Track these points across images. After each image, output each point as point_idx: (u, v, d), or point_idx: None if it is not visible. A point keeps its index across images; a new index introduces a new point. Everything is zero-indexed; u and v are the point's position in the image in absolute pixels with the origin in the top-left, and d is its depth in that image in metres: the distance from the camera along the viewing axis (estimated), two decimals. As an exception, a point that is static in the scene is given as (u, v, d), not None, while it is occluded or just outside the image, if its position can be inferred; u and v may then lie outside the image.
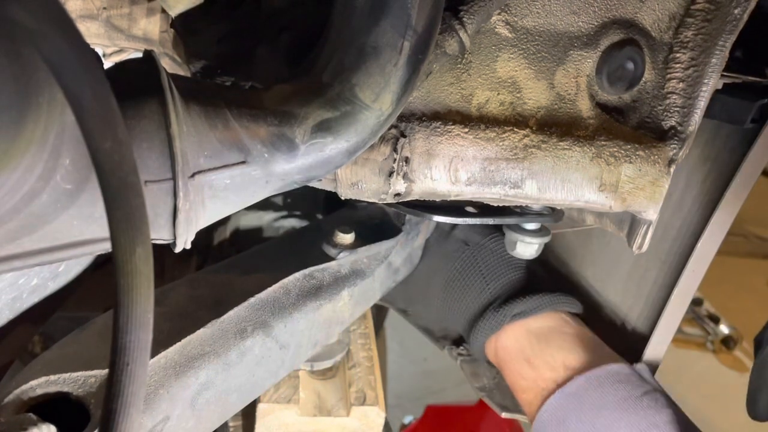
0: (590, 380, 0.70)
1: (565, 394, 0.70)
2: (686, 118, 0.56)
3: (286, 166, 0.43)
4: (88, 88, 0.25)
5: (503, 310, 0.79)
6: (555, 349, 0.75)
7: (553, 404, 0.71)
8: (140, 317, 0.28)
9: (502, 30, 0.55)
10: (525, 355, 0.77)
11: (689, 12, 0.55)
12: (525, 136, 0.55)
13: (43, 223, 0.34)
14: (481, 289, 0.83)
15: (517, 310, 0.78)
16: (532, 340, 0.77)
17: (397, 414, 1.72)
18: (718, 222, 0.68)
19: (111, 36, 0.59)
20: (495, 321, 0.79)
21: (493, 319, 0.79)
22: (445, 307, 0.86)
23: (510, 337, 0.79)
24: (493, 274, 0.83)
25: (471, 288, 0.83)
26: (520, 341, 0.78)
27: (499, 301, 0.81)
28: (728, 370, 2.13)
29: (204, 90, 0.42)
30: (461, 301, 0.84)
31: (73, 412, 0.44)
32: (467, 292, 0.83)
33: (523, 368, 0.76)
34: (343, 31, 0.44)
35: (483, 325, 0.80)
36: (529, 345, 0.77)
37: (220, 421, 0.56)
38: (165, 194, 0.37)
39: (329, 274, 0.67)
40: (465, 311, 0.83)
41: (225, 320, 0.54)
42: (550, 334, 0.77)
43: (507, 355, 0.79)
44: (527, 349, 0.77)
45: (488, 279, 0.83)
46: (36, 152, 0.29)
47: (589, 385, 0.70)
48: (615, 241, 0.84)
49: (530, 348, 0.77)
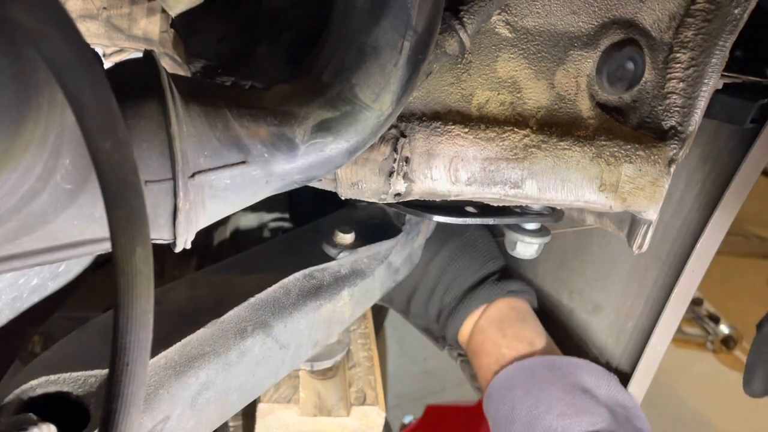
0: (546, 362, 0.79)
1: (523, 366, 0.79)
2: (686, 118, 0.56)
3: (287, 166, 0.42)
4: (88, 88, 0.25)
5: (501, 285, 0.90)
6: (528, 328, 0.86)
7: (509, 371, 0.79)
8: (140, 317, 0.28)
9: (502, 30, 0.55)
10: (502, 324, 0.86)
11: (689, 12, 0.55)
12: (525, 136, 0.55)
13: (43, 223, 0.34)
14: (482, 264, 0.93)
15: (512, 288, 0.90)
16: (513, 315, 0.88)
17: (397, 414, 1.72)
18: (717, 222, 0.68)
19: (111, 36, 0.59)
20: (493, 291, 0.90)
21: (492, 289, 0.90)
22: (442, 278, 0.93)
23: (496, 307, 0.89)
24: (492, 254, 0.95)
25: (473, 262, 0.93)
26: (503, 312, 0.88)
27: (496, 277, 0.92)
28: (728, 370, 2.13)
29: (204, 90, 0.42)
30: (463, 272, 0.92)
31: (73, 412, 0.44)
32: (469, 265, 0.92)
33: (495, 333, 0.86)
34: (343, 30, 0.44)
35: (481, 293, 0.90)
36: (509, 317, 0.87)
37: (220, 421, 0.56)
38: (165, 194, 0.37)
39: (329, 274, 0.67)
40: (464, 281, 0.92)
41: (225, 320, 0.54)
42: (527, 315, 0.89)
43: (486, 321, 0.88)
44: (506, 320, 0.87)
45: (488, 257, 0.94)
46: (36, 152, 0.29)
47: (545, 365, 0.78)
48: (615, 241, 0.84)
49: (509, 320, 0.87)
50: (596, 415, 0.71)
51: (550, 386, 0.74)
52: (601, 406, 0.72)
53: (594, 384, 0.76)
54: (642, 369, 0.78)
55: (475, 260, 0.93)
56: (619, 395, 0.76)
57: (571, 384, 0.75)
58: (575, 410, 0.71)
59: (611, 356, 0.85)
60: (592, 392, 0.74)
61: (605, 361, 0.86)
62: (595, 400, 0.73)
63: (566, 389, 0.74)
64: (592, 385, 0.75)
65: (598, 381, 0.76)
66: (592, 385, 0.75)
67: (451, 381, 1.91)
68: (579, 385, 0.75)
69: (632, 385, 0.79)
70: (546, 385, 0.75)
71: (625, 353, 0.82)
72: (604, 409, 0.72)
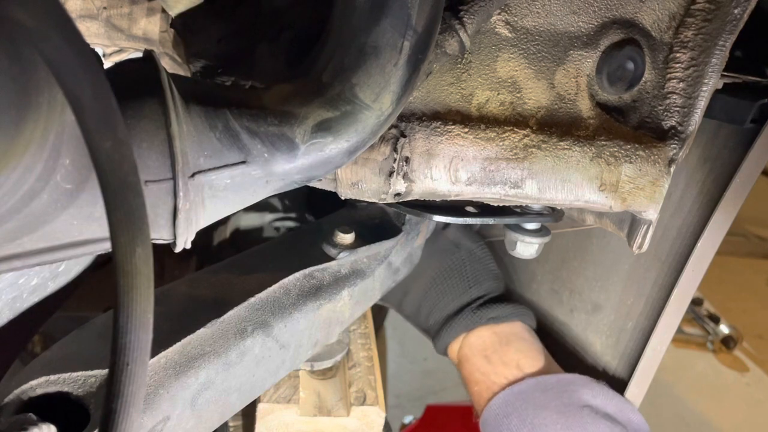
0: (539, 384, 0.78)
1: (514, 392, 0.78)
2: (686, 118, 0.56)
3: (286, 166, 0.42)
4: (88, 88, 0.25)
5: (480, 312, 0.89)
6: (513, 351, 0.84)
7: (501, 399, 0.78)
8: (140, 317, 0.28)
9: (502, 30, 0.55)
10: (486, 352, 0.85)
11: (689, 12, 0.55)
12: (525, 136, 0.55)
13: (42, 223, 0.34)
14: (463, 291, 0.92)
15: (492, 314, 0.88)
16: (495, 340, 0.86)
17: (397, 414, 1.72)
18: (717, 222, 0.68)
19: (111, 36, 0.59)
20: (471, 320, 0.88)
21: (470, 318, 0.88)
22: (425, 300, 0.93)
23: (477, 335, 0.88)
24: (476, 279, 0.93)
25: (454, 288, 0.92)
26: (485, 340, 0.87)
27: (477, 304, 0.90)
28: (728, 370, 2.13)
29: (204, 90, 0.42)
30: (443, 297, 0.92)
31: (73, 412, 0.44)
32: (450, 291, 0.92)
33: (480, 362, 0.85)
34: (343, 30, 0.44)
35: (459, 322, 0.89)
36: (491, 344, 0.86)
37: (220, 421, 0.56)
38: (165, 194, 0.37)
39: (329, 274, 0.67)
40: (444, 307, 0.91)
41: (225, 320, 0.54)
42: (511, 338, 0.87)
43: (470, 350, 0.87)
44: (489, 347, 0.86)
45: (471, 283, 0.93)
46: (36, 152, 0.29)
47: (537, 387, 0.77)
48: (615, 241, 0.84)
49: (492, 347, 0.86)
50: None
51: (544, 410, 0.73)
52: (599, 421, 0.72)
53: (589, 397, 0.75)
54: (642, 369, 0.78)
55: (456, 286, 0.92)
56: (615, 404, 0.75)
57: (565, 404, 0.74)
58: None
59: (611, 356, 0.85)
60: (589, 407, 0.73)
61: (605, 361, 0.86)
62: (591, 416, 0.72)
63: (560, 410, 0.73)
64: (587, 399, 0.74)
65: (594, 393, 0.76)
66: (587, 399, 0.75)
67: (451, 381, 1.91)
68: (574, 403, 0.74)
69: (632, 385, 0.79)
70: (540, 409, 0.74)
71: (625, 353, 0.82)
72: (603, 423, 0.71)
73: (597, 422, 0.72)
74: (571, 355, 0.92)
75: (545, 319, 0.98)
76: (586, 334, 0.91)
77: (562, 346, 0.93)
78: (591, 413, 0.73)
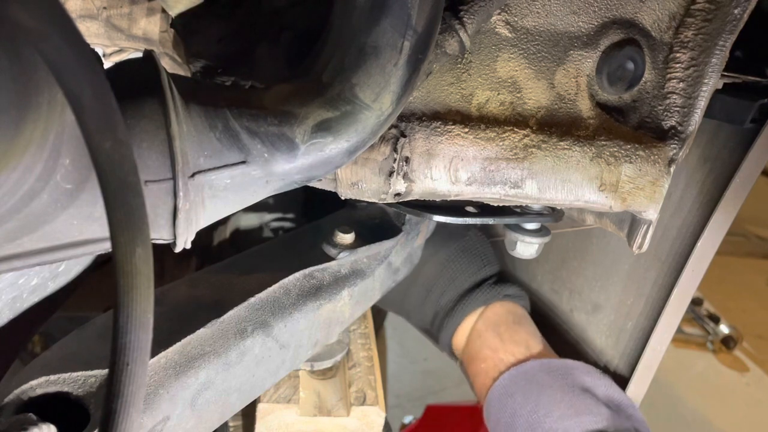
0: (544, 365, 0.79)
1: (520, 371, 0.80)
2: (686, 117, 0.56)
3: (286, 166, 0.42)
4: (88, 88, 0.25)
5: (499, 288, 0.92)
6: (524, 332, 0.87)
7: (507, 378, 0.80)
8: (140, 317, 0.28)
9: (502, 30, 0.55)
10: (499, 329, 0.87)
11: (689, 12, 0.55)
12: (525, 136, 0.55)
13: (42, 223, 0.34)
14: (479, 268, 0.95)
15: (510, 291, 0.92)
16: (509, 319, 0.89)
17: (397, 414, 1.72)
18: (717, 222, 0.68)
19: (111, 36, 0.59)
20: (490, 294, 0.91)
21: (489, 292, 0.91)
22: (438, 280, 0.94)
23: (493, 311, 0.90)
24: (488, 259, 0.96)
25: (470, 266, 0.94)
26: (500, 316, 0.89)
27: (493, 281, 0.94)
28: (728, 369, 2.13)
29: (204, 90, 0.42)
30: (459, 275, 0.93)
31: (73, 412, 0.44)
32: (466, 269, 0.94)
33: (492, 338, 0.86)
34: (343, 30, 0.44)
35: (478, 296, 0.91)
36: (505, 322, 0.88)
37: (220, 421, 0.56)
38: (165, 194, 0.37)
39: (329, 274, 0.67)
40: (461, 284, 0.93)
41: (225, 320, 0.54)
42: (524, 319, 0.90)
43: (484, 325, 0.88)
44: (502, 324, 0.88)
45: (485, 262, 0.96)
46: (36, 152, 0.29)
47: (542, 368, 0.79)
48: (615, 241, 0.84)
49: (505, 324, 0.88)
50: (597, 414, 0.71)
51: (548, 389, 0.75)
52: (600, 405, 0.72)
53: (592, 383, 0.76)
54: (642, 369, 0.78)
55: (471, 264, 0.94)
56: (616, 394, 0.76)
57: (569, 385, 0.75)
58: (575, 411, 0.71)
59: (611, 356, 0.85)
60: (590, 391, 0.74)
61: (605, 360, 0.86)
62: (594, 399, 0.73)
63: (564, 390, 0.74)
64: (590, 385, 0.75)
65: (595, 380, 0.77)
66: (590, 384, 0.76)
67: (451, 381, 1.91)
68: (577, 385, 0.75)
69: (632, 385, 0.79)
70: (544, 388, 0.75)
71: (625, 353, 0.82)
72: (604, 407, 0.72)
73: (600, 406, 0.73)
74: (571, 354, 0.92)
75: (545, 319, 0.98)
76: (586, 334, 0.91)
77: (562, 346, 0.93)
78: (594, 398, 0.74)
